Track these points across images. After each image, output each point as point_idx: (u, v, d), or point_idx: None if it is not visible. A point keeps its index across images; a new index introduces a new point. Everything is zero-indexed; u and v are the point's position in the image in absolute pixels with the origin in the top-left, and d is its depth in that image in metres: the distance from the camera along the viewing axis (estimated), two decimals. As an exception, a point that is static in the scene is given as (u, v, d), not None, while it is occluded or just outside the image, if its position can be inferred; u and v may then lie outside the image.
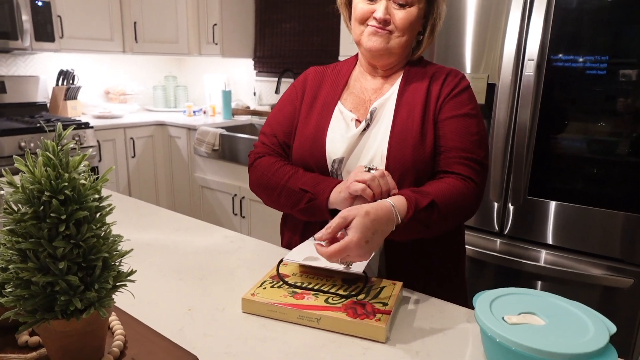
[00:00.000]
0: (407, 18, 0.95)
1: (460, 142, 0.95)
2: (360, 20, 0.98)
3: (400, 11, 0.95)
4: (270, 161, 1.05)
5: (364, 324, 0.73)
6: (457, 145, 0.95)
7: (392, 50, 0.98)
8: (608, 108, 1.57)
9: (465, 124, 0.97)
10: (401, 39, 0.97)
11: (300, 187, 0.98)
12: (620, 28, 1.51)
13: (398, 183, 0.92)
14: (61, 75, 3.23)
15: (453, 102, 0.98)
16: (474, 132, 0.97)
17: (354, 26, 1.01)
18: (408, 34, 0.97)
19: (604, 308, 1.66)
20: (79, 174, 0.56)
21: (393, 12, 0.95)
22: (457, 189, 0.91)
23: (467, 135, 0.96)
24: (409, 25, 0.95)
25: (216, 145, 2.89)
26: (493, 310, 0.68)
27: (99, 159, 3.01)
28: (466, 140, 0.96)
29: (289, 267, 0.92)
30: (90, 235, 0.55)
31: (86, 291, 0.56)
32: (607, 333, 0.62)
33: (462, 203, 0.92)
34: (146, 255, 1.03)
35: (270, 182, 1.02)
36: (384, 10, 0.94)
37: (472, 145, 0.96)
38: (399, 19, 0.95)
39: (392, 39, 0.97)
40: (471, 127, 0.97)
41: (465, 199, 0.92)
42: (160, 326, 0.75)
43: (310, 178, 0.99)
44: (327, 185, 0.95)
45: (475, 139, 0.97)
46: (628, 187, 1.57)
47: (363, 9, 0.97)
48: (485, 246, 1.87)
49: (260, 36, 3.48)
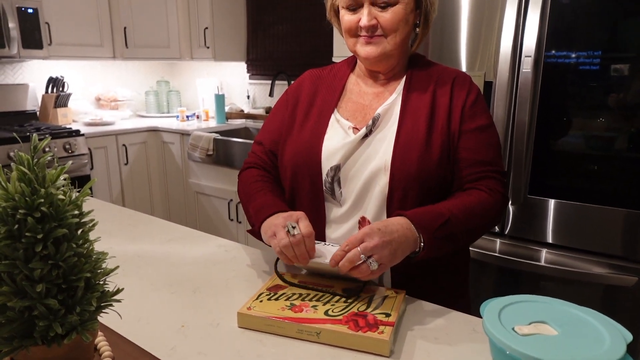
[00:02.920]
0: (393, 18, 0.91)
1: (484, 155, 0.94)
2: (349, 32, 0.95)
3: (384, 13, 0.91)
4: (250, 174, 1.05)
5: (366, 337, 0.69)
6: (481, 159, 0.93)
7: (388, 53, 0.95)
8: (606, 103, 1.54)
9: (485, 136, 0.95)
10: (395, 39, 0.93)
11: (250, 211, 0.97)
12: (617, 22, 1.49)
13: (402, 196, 0.90)
14: (50, 82, 3.18)
15: (470, 113, 0.95)
16: (495, 143, 0.96)
17: (345, 38, 0.98)
18: (401, 33, 0.93)
19: (607, 307, 1.63)
20: (57, 188, 0.52)
21: (378, 15, 0.91)
22: (482, 201, 0.91)
23: (490, 148, 0.95)
24: (397, 25, 0.91)
25: (210, 150, 2.85)
26: (502, 320, 0.64)
27: (90, 166, 2.96)
28: (489, 154, 0.94)
29: (287, 278, 0.88)
30: (70, 255, 0.51)
31: (67, 315, 0.52)
32: (624, 342, 0.59)
33: (489, 214, 0.92)
34: (136, 268, 0.99)
35: (242, 197, 1.04)
36: (368, 16, 0.91)
37: (495, 158, 0.95)
38: (385, 21, 0.91)
39: (386, 43, 0.93)
40: (492, 138, 0.96)
41: (492, 209, 0.92)
42: (152, 345, 0.71)
43: (259, 203, 0.96)
44: (262, 207, 0.93)
45: (497, 150, 0.97)
46: (629, 183, 1.55)
47: (349, 20, 0.94)
48: (487, 247, 1.84)
49: (252, 39, 3.45)
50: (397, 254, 0.79)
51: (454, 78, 0.98)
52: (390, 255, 0.77)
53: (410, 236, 0.81)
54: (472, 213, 0.88)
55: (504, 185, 0.96)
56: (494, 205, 0.92)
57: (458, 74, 0.99)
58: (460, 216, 0.87)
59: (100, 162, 3.04)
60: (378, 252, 0.76)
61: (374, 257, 0.76)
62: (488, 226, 0.95)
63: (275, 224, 0.85)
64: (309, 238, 0.82)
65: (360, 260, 0.76)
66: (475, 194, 0.92)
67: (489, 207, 0.91)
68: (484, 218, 0.91)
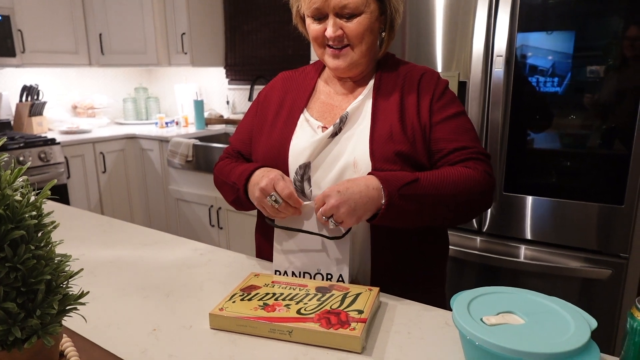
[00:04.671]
0: (358, 29, 0.92)
1: (459, 141, 0.94)
2: (316, 41, 0.97)
3: (349, 23, 0.92)
4: (223, 164, 1.08)
5: (338, 334, 0.69)
6: (457, 146, 0.94)
7: (356, 62, 0.96)
8: (577, 101, 1.58)
9: (458, 122, 0.96)
10: (361, 49, 0.94)
11: (232, 180, 1.00)
12: (585, 21, 1.52)
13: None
14: (25, 90, 3.12)
15: (438, 106, 0.96)
16: (469, 128, 0.97)
17: (313, 46, 0.99)
18: (367, 42, 0.94)
19: (583, 300, 1.66)
20: (14, 190, 0.51)
21: (344, 26, 0.92)
22: (464, 174, 0.90)
23: (465, 133, 0.96)
24: (362, 35, 0.93)
25: (190, 156, 2.82)
26: (471, 311, 0.65)
27: (67, 175, 2.91)
28: (465, 138, 0.95)
29: (261, 278, 0.88)
30: (29, 257, 0.50)
31: (28, 318, 0.51)
32: (588, 329, 0.60)
33: (472, 189, 0.89)
34: (108, 273, 0.97)
35: (219, 181, 1.07)
36: (334, 27, 0.92)
37: (471, 142, 0.95)
38: (350, 32, 0.92)
39: (353, 54, 0.95)
40: (465, 124, 0.97)
41: (477, 185, 0.90)
42: (122, 350, 0.70)
43: (237, 166, 1.01)
44: (243, 171, 0.97)
45: (472, 135, 0.97)
46: (601, 178, 1.58)
47: (315, 29, 0.95)
48: (466, 245, 1.85)
49: (230, 44, 3.44)
50: (356, 212, 0.82)
51: (421, 74, 0.99)
52: (348, 214, 0.82)
53: (375, 196, 0.83)
54: (449, 181, 0.88)
55: (489, 165, 0.95)
56: (480, 182, 0.91)
57: (426, 70, 1.01)
58: (434, 180, 0.87)
59: (77, 171, 2.99)
60: (336, 212, 0.82)
61: (333, 217, 0.83)
62: (474, 204, 0.93)
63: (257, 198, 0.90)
64: (291, 198, 0.87)
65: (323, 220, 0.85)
66: (458, 168, 0.91)
67: (472, 183, 0.90)
68: (467, 193, 0.89)
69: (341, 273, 0.89)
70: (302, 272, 0.92)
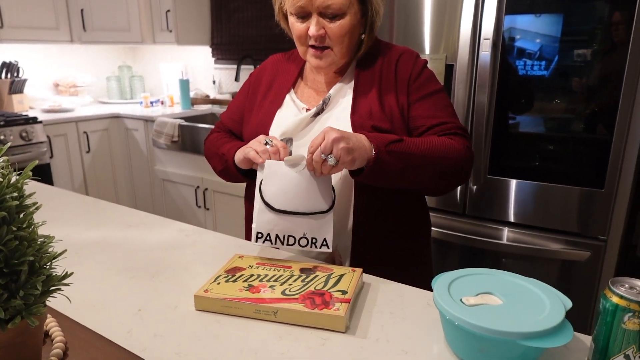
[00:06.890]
0: (340, 31, 0.94)
1: (438, 117, 0.97)
2: (299, 39, 0.98)
3: (332, 24, 0.94)
4: (217, 136, 1.13)
5: (322, 314, 0.70)
6: (436, 122, 0.97)
7: (337, 62, 0.99)
8: (562, 85, 1.59)
9: (436, 99, 0.99)
10: (342, 50, 0.97)
11: (222, 152, 1.03)
12: (573, 5, 1.53)
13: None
14: (4, 67, 3.04)
15: (416, 85, 0.99)
16: (447, 104, 1.01)
17: (296, 43, 1.01)
18: (347, 43, 0.97)
19: (563, 282, 1.71)
20: (-6, 170, 0.50)
21: (326, 26, 0.94)
22: (445, 142, 0.93)
23: (443, 109, 0.99)
24: (343, 36, 0.95)
25: (175, 137, 2.79)
26: (451, 292, 0.66)
27: (50, 155, 2.87)
28: (443, 114, 0.98)
29: (245, 260, 0.88)
30: (10, 238, 0.50)
31: (11, 299, 0.51)
32: (563, 309, 0.62)
33: (453, 156, 0.92)
34: (93, 254, 0.97)
35: (210, 152, 1.11)
36: (317, 26, 0.94)
37: (449, 117, 0.98)
38: (332, 33, 0.94)
39: (334, 55, 0.97)
40: (443, 100, 1.00)
41: (458, 154, 0.93)
42: (107, 330, 0.70)
43: (229, 142, 1.05)
44: (234, 145, 1.00)
45: (450, 110, 1.00)
46: (583, 162, 1.61)
47: (298, 28, 0.96)
48: (449, 226, 1.88)
49: (217, 22, 3.37)
50: (353, 152, 0.83)
51: (399, 55, 1.02)
52: (346, 150, 0.81)
53: (367, 146, 0.85)
54: (432, 146, 0.91)
55: (468, 139, 0.99)
56: (460, 152, 0.94)
57: (405, 50, 1.03)
58: (419, 143, 0.90)
59: (60, 151, 2.95)
60: (336, 146, 0.81)
61: (332, 153, 0.82)
62: (455, 174, 0.95)
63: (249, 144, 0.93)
64: (285, 149, 0.90)
65: (322, 159, 0.83)
66: (441, 138, 0.95)
67: (454, 152, 0.93)
68: (448, 160, 0.92)
69: (325, 237, 0.89)
70: (287, 235, 0.90)
